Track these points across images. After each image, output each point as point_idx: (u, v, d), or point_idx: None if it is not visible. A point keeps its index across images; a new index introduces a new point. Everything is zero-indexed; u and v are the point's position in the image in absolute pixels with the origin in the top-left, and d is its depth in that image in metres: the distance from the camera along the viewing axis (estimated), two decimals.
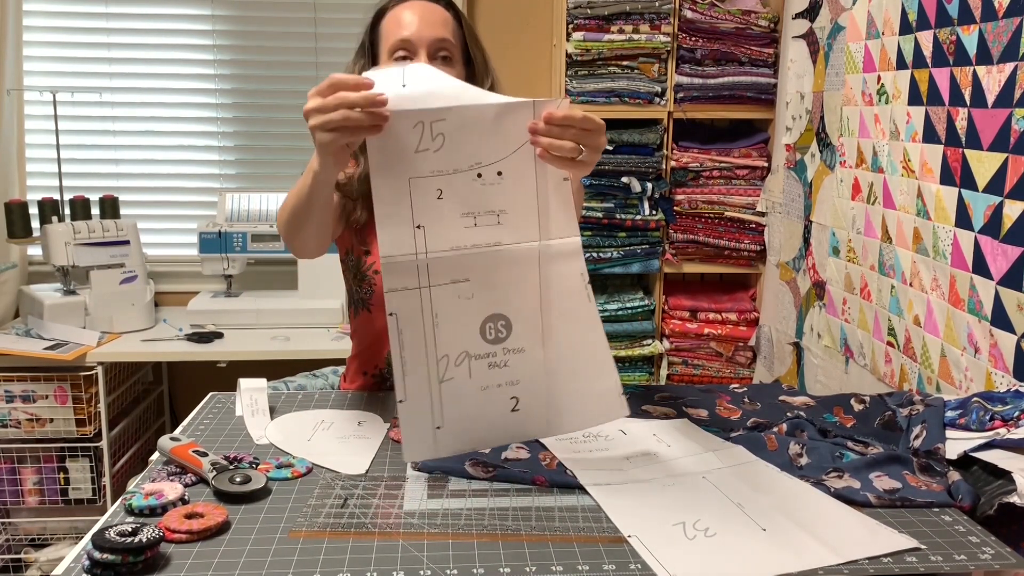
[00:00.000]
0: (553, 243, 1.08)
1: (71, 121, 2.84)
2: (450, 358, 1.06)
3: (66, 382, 2.36)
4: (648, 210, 2.57)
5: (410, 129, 1.00)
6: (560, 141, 1.01)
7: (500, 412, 1.10)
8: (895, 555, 0.91)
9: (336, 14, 2.87)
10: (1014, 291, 1.37)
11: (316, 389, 1.67)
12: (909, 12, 1.70)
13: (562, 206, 1.07)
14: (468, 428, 1.09)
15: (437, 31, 1.41)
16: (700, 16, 2.48)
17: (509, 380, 1.10)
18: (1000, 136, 1.41)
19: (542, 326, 1.10)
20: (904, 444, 1.20)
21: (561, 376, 1.11)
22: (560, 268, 1.08)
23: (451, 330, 1.06)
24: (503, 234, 1.06)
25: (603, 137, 1.05)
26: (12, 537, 2.54)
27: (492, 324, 1.08)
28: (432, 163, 1.02)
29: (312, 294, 2.68)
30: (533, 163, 1.04)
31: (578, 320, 1.10)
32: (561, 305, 1.09)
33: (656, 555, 0.91)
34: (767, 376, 2.54)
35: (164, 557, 0.90)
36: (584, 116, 1.02)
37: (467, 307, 1.06)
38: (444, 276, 1.05)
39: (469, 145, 1.02)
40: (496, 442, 1.13)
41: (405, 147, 1.00)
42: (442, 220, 1.03)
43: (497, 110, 1.02)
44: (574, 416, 1.13)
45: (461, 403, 1.08)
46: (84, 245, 2.52)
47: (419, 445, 1.07)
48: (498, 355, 1.09)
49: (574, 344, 1.11)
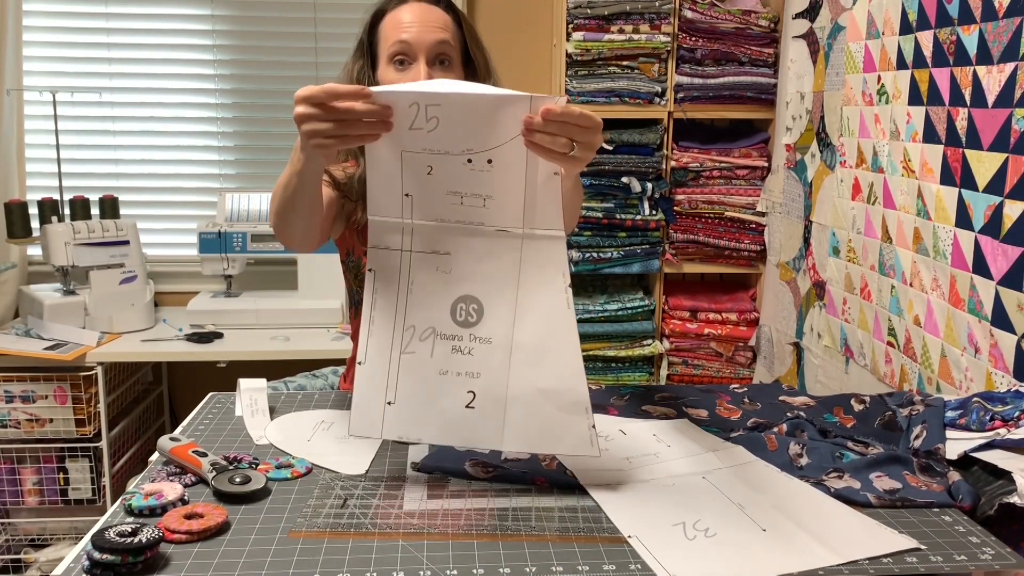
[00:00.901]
0: (537, 232, 1.06)
1: (71, 121, 2.84)
2: (416, 330, 1.08)
3: (66, 382, 2.36)
4: (648, 210, 2.57)
5: (406, 107, 1.01)
6: (552, 135, 1.01)
7: (454, 405, 1.08)
8: (895, 555, 0.91)
9: (336, 14, 2.87)
10: (1014, 291, 1.37)
11: (316, 389, 1.67)
12: (909, 12, 1.70)
13: (550, 199, 1.05)
14: (419, 413, 1.09)
15: (436, 34, 1.39)
16: (700, 16, 2.48)
17: (469, 371, 1.08)
18: (1000, 136, 1.41)
19: (514, 321, 1.07)
20: (904, 444, 1.20)
21: (524, 385, 1.07)
22: (541, 264, 1.06)
23: (423, 300, 1.07)
24: (487, 216, 1.07)
25: (598, 136, 1.04)
26: (12, 537, 2.54)
27: (464, 305, 1.08)
28: (424, 142, 1.03)
29: (312, 294, 2.68)
30: (524, 155, 1.04)
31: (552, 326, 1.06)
32: (536, 305, 1.07)
33: (656, 555, 0.91)
34: (767, 376, 2.54)
35: (164, 557, 0.90)
36: (581, 112, 1.02)
37: (443, 281, 1.08)
38: (426, 245, 1.07)
39: (461, 131, 1.02)
40: (446, 440, 1.10)
41: (400, 122, 1.02)
42: (430, 193, 1.06)
43: (493, 101, 1.01)
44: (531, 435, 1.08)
45: (417, 382, 1.08)
46: (84, 245, 2.52)
47: (367, 419, 1.08)
48: (464, 340, 1.08)
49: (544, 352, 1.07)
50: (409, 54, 1.39)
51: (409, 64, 1.39)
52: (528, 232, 1.06)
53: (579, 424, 1.06)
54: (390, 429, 1.09)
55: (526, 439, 1.08)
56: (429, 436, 1.10)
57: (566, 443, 1.08)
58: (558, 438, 1.08)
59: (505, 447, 1.09)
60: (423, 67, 1.38)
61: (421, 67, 1.38)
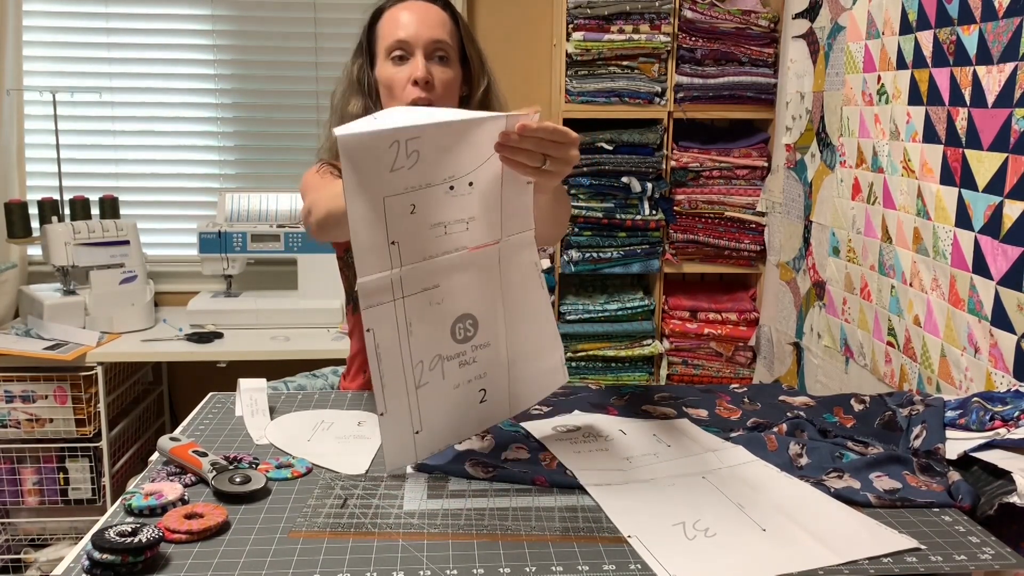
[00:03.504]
0: (512, 239, 1.12)
1: (71, 121, 2.84)
2: (424, 363, 1.08)
3: (66, 382, 2.36)
4: (648, 210, 2.57)
5: (386, 149, 0.98)
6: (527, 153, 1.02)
7: (471, 405, 1.14)
8: (895, 555, 0.91)
9: (336, 14, 2.87)
10: (1014, 291, 1.37)
11: (316, 389, 1.67)
12: (909, 12, 1.70)
13: (521, 206, 1.11)
14: (444, 426, 1.12)
15: (434, 32, 1.41)
16: (700, 16, 2.48)
17: (478, 374, 1.14)
18: (1000, 136, 1.41)
19: (504, 319, 1.14)
20: (904, 444, 1.20)
21: (518, 361, 1.17)
22: (516, 260, 1.13)
23: (424, 336, 1.07)
24: (469, 238, 1.08)
25: (574, 150, 1.05)
26: (12, 537, 2.54)
27: (461, 324, 1.10)
28: (406, 180, 1.01)
29: (312, 294, 2.68)
30: (501, 170, 1.06)
31: (531, 307, 1.16)
32: (517, 296, 1.14)
33: (656, 555, 0.91)
34: (767, 376, 2.54)
35: (164, 557, 0.90)
36: (553, 127, 1.02)
37: (438, 312, 1.08)
38: (416, 285, 1.05)
39: (443, 160, 1.02)
40: (467, 433, 1.16)
41: (381, 167, 0.99)
42: (415, 234, 1.04)
43: (471, 125, 1.02)
44: (528, 395, 1.20)
45: (437, 405, 1.10)
46: (84, 245, 2.52)
47: (400, 453, 1.09)
48: (467, 353, 1.12)
49: (528, 330, 1.16)
50: (407, 51, 1.41)
51: (407, 59, 1.41)
52: (505, 241, 1.11)
53: (556, 365, 1.21)
54: (422, 451, 1.11)
55: (525, 398, 1.20)
56: (454, 439, 1.15)
57: (549, 384, 1.22)
58: (544, 385, 1.22)
59: (512, 414, 1.20)
60: (420, 60, 1.39)
61: (419, 60, 1.39)
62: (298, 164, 2.92)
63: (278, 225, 2.70)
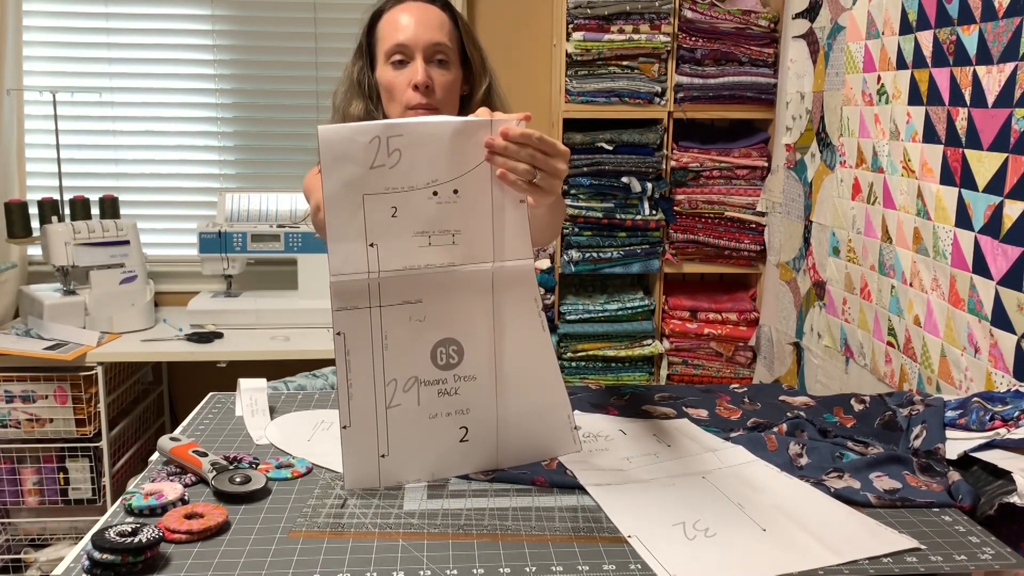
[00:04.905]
0: (507, 264, 1.07)
1: (71, 121, 2.84)
2: (398, 383, 1.04)
3: (66, 382, 2.36)
4: (648, 210, 2.57)
5: (366, 144, 0.98)
6: (514, 161, 1.01)
7: (448, 442, 1.09)
8: (895, 555, 0.91)
9: (336, 14, 2.87)
10: (1014, 291, 1.37)
11: (316, 389, 1.67)
12: (909, 12, 1.70)
13: (517, 228, 1.06)
14: (415, 457, 1.08)
15: (433, 35, 1.40)
16: (700, 16, 2.48)
17: (459, 409, 1.08)
18: (1000, 136, 1.41)
19: (495, 353, 1.08)
20: (904, 444, 1.20)
21: (512, 408, 1.10)
22: (514, 292, 1.08)
23: (401, 353, 1.04)
24: (457, 255, 1.04)
25: (563, 163, 1.03)
26: (12, 537, 2.54)
27: (444, 349, 1.06)
28: (388, 180, 1.00)
29: (312, 294, 2.68)
30: (490, 183, 1.03)
31: (529, 349, 1.09)
32: (512, 332, 1.08)
33: (656, 555, 0.91)
34: (767, 376, 2.54)
35: (164, 557, 0.90)
36: (541, 137, 1.01)
37: (419, 330, 1.05)
38: (396, 296, 1.03)
39: (426, 162, 1.00)
40: (444, 473, 1.10)
41: (361, 162, 0.98)
42: (396, 238, 1.01)
43: (455, 127, 1.01)
44: (523, 451, 1.12)
45: (408, 431, 1.06)
46: (84, 245, 2.52)
47: (362, 472, 1.06)
48: (448, 382, 1.07)
49: (525, 374, 1.10)
50: (406, 54, 1.40)
51: (407, 63, 1.40)
52: (499, 265, 1.06)
53: (562, 429, 1.13)
54: (387, 478, 1.07)
55: (517, 455, 1.12)
56: (427, 475, 1.10)
57: (553, 448, 1.14)
58: (546, 447, 1.14)
59: (500, 466, 1.12)
60: (420, 64, 1.39)
61: (419, 64, 1.39)
62: (298, 164, 2.92)
63: (278, 225, 2.70)
